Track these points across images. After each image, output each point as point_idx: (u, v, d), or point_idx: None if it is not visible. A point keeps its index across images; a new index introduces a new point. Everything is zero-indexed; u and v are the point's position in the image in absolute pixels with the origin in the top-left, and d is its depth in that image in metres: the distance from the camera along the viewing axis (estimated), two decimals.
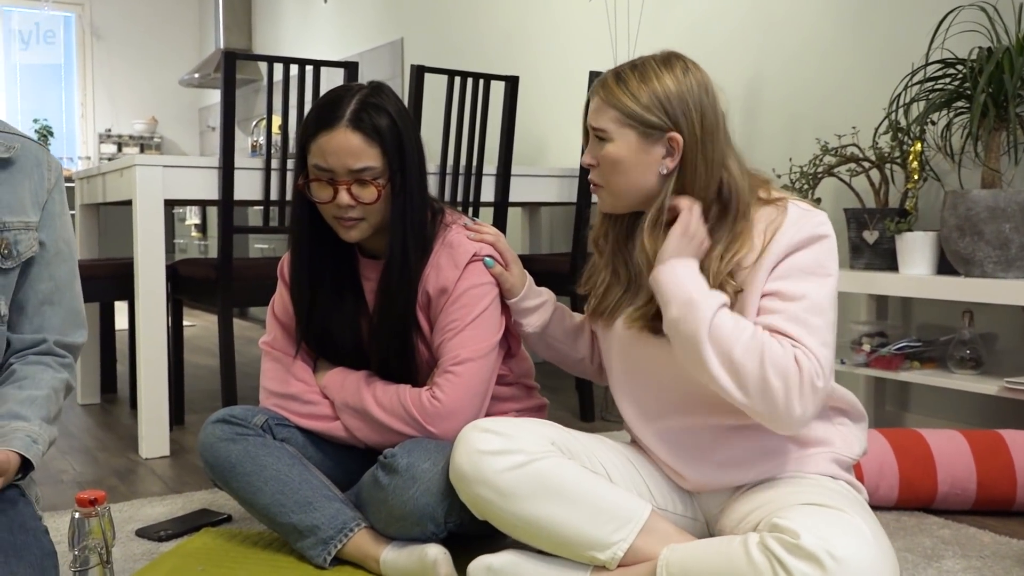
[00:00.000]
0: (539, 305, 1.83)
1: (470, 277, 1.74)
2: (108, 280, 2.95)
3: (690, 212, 1.48)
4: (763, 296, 1.46)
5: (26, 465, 1.41)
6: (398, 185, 1.70)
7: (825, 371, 1.40)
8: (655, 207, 1.53)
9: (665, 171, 1.51)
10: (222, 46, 7.09)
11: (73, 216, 3.41)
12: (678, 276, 1.45)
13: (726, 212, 1.51)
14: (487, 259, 1.76)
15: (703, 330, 1.40)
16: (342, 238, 1.74)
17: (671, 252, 1.47)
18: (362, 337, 1.82)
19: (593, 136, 1.56)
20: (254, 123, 4.33)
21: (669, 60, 1.53)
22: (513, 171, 3.20)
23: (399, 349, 1.77)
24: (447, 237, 1.78)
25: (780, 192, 1.54)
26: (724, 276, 1.47)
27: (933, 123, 2.48)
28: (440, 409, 1.68)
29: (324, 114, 1.68)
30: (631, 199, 1.56)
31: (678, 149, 1.50)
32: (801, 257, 1.45)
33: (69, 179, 6.75)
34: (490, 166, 3.18)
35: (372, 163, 1.67)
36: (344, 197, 1.67)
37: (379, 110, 1.68)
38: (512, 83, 3.16)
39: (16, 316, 1.55)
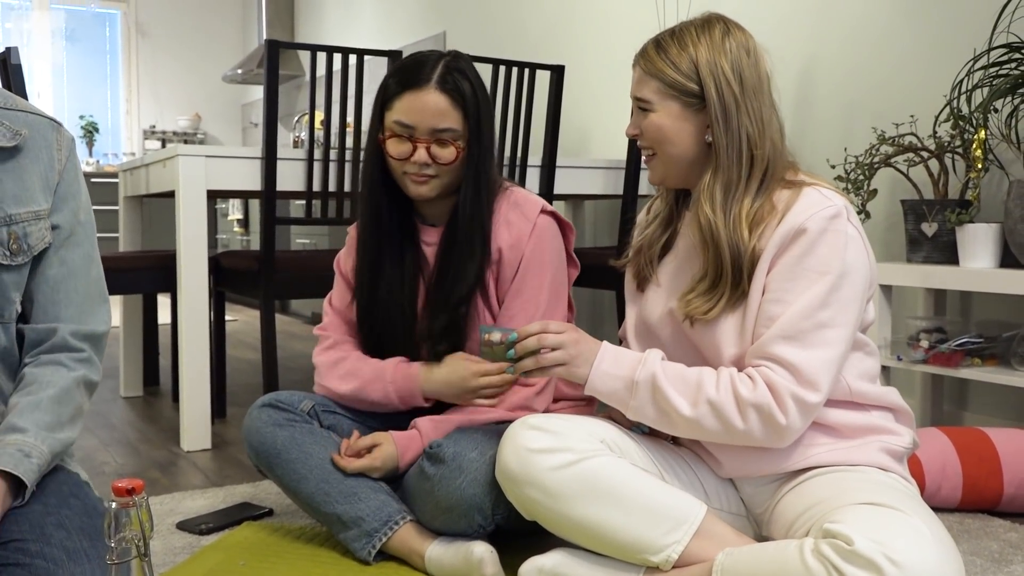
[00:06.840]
0: None
1: (541, 235, 1.79)
2: (151, 271, 2.94)
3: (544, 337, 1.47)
4: (764, 293, 1.43)
5: (21, 484, 1.25)
6: (474, 149, 1.74)
7: (812, 378, 1.38)
8: (705, 178, 1.49)
9: (711, 139, 1.48)
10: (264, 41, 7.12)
11: (116, 210, 3.43)
12: (609, 372, 1.47)
13: (762, 181, 1.47)
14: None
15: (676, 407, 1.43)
16: (410, 194, 1.77)
17: (582, 362, 1.48)
18: (416, 309, 1.81)
19: (636, 106, 1.54)
20: (296, 119, 4.31)
21: (709, 23, 1.51)
22: (558, 163, 3.14)
23: (454, 317, 1.76)
24: (512, 196, 1.82)
25: (807, 175, 1.50)
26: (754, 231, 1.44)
27: (996, 110, 2.38)
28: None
29: (410, 74, 1.72)
30: (680, 170, 1.53)
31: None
32: (803, 251, 1.41)
33: (113, 175, 6.79)
34: (534, 157, 3.12)
35: (454, 125, 1.71)
36: (422, 154, 1.71)
37: (463, 75, 1.73)
38: (558, 72, 3.10)
39: (28, 306, 1.41)
